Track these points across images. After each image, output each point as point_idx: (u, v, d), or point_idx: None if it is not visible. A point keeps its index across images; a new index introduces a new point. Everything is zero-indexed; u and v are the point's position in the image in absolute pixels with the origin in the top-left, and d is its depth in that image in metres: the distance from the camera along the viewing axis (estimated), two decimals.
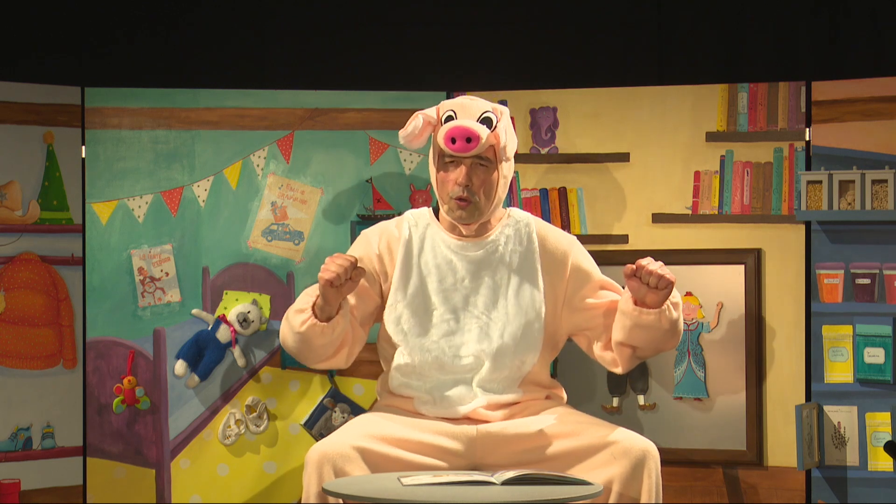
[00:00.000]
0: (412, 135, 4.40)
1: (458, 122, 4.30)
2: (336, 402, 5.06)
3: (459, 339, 4.34)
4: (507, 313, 4.35)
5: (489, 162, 4.34)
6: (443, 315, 4.36)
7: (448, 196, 4.35)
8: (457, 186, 4.33)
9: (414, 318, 4.36)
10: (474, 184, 4.33)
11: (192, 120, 5.04)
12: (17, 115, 4.92)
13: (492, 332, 4.34)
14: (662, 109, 4.99)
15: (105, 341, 5.00)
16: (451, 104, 4.40)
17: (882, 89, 4.77)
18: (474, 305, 4.36)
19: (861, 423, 4.79)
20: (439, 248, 4.41)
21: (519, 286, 4.37)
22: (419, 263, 4.40)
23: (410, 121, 4.39)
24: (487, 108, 4.36)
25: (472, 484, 3.83)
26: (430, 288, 4.37)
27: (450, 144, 4.29)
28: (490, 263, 4.39)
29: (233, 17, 5.61)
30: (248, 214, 5.06)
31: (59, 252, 5.00)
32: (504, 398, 4.35)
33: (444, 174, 4.36)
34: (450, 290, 4.37)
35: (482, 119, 4.33)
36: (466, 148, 4.28)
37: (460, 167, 4.33)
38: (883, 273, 4.76)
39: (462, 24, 5.56)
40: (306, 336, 4.29)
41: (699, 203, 4.96)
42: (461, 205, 4.34)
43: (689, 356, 4.94)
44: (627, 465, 4.13)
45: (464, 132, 4.27)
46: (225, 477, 5.03)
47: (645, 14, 5.52)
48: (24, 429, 4.93)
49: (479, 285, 4.37)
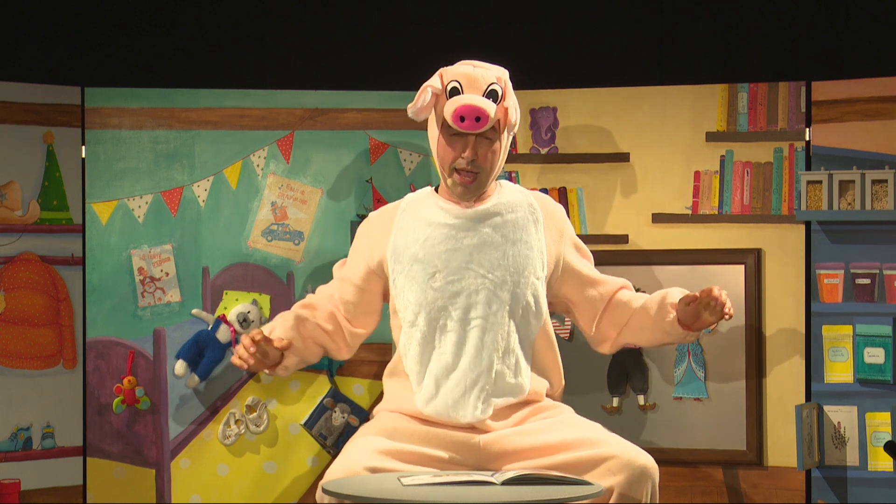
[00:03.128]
0: (421, 108, 4.34)
1: (467, 100, 4.25)
2: (336, 402, 5.06)
3: (465, 300, 4.31)
4: (510, 274, 4.31)
5: (495, 134, 4.31)
6: (446, 277, 4.32)
7: (451, 166, 4.32)
8: (462, 159, 4.30)
9: (416, 286, 4.33)
10: (479, 157, 4.30)
11: (192, 120, 5.04)
12: (17, 115, 4.92)
13: (498, 293, 4.30)
14: (662, 109, 4.99)
15: (105, 341, 5.00)
16: (455, 73, 4.33)
17: (882, 89, 4.77)
18: (479, 265, 4.32)
19: (861, 423, 4.79)
20: (438, 213, 4.38)
21: (521, 248, 4.34)
22: (416, 231, 4.37)
23: (419, 94, 4.32)
24: (492, 80, 4.31)
25: (472, 484, 3.83)
26: (432, 252, 4.33)
27: (458, 122, 4.24)
28: (490, 224, 4.34)
29: (233, 17, 5.61)
30: (248, 214, 5.06)
31: (59, 252, 5.00)
32: (509, 399, 4.32)
33: (447, 145, 4.32)
34: (452, 251, 4.34)
35: (488, 92, 4.29)
36: (476, 126, 4.25)
37: (465, 140, 4.29)
38: (883, 273, 4.76)
39: (462, 24, 5.56)
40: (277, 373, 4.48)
41: (699, 203, 4.96)
42: (465, 180, 4.31)
43: (689, 356, 4.94)
44: (625, 480, 4.10)
45: (473, 111, 4.23)
46: (225, 477, 5.03)
47: (645, 14, 5.52)
48: (24, 429, 4.93)
49: (481, 245, 4.33)
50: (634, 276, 4.87)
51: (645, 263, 4.96)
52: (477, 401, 4.27)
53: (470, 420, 4.27)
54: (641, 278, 4.93)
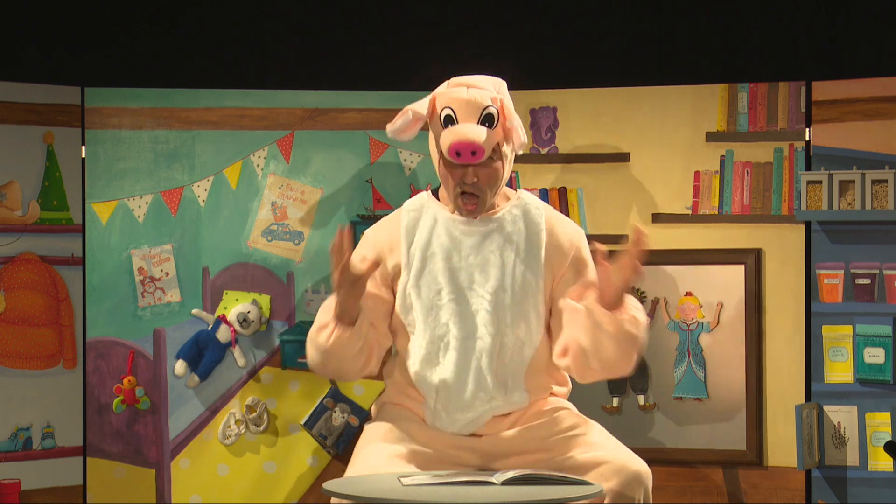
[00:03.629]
0: (400, 130, 4.31)
1: (461, 134, 4.20)
2: (336, 402, 5.06)
3: (466, 320, 4.29)
4: (510, 295, 4.29)
5: (495, 154, 4.27)
6: (449, 295, 4.30)
7: (454, 191, 4.29)
8: (464, 184, 4.27)
9: (421, 301, 4.31)
10: (481, 180, 4.27)
11: (192, 120, 5.04)
12: (17, 115, 4.92)
13: (496, 314, 4.28)
14: (662, 109, 4.99)
15: (105, 341, 5.00)
16: (448, 99, 4.26)
17: (882, 89, 4.77)
18: (480, 285, 4.30)
19: (861, 423, 4.79)
20: (443, 226, 4.34)
21: (523, 269, 4.31)
22: (423, 245, 4.34)
23: (399, 115, 4.29)
24: (486, 103, 4.24)
25: (472, 484, 3.83)
26: (436, 268, 4.31)
27: (455, 157, 4.20)
28: (495, 240, 4.31)
29: (233, 17, 5.61)
30: (248, 214, 5.06)
31: (59, 252, 5.00)
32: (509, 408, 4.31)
33: (448, 172, 4.29)
34: (456, 269, 4.32)
35: (484, 118, 4.24)
36: (472, 160, 4.20)
37: (465, 168, 4.26)
38: (883, 273, 4.76)
39: (462, 24, 5.56)
40: (335, 349, 4.22)
41: (699, 203, 4.96)
42: (469, 206, 4.28)
43: (689, 356, 4.94)
44: (617, 486, 4.09)
45: (468, 146, 4.18)
46: (225, 477, 5.03)
47: (645, 14, 5.52)
48: (24, 429, 4.93)
49: (484, 263, 4.30)
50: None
51: (645, 263, 4.95)
52: (473, 416, 4.28)
53: (466, 433, 4.28)
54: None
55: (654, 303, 4.97)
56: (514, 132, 4.27)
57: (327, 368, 4.33)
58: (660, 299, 4.97)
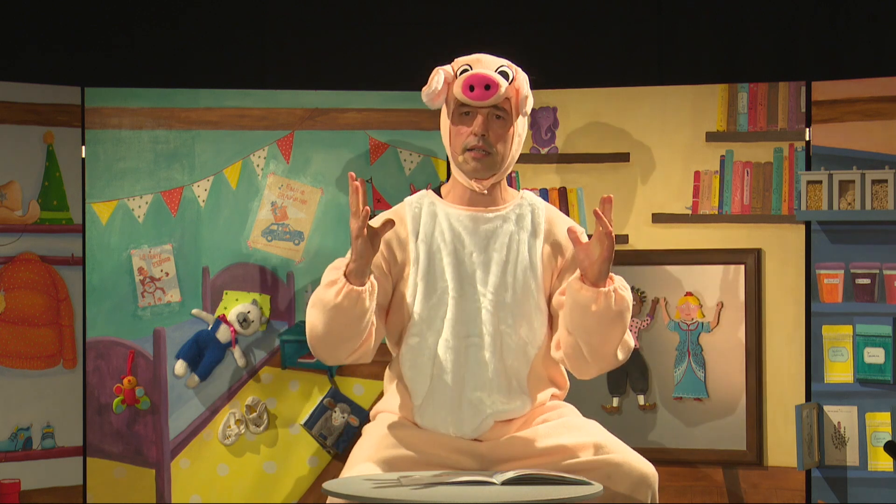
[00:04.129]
0: (435, 91, 4.25)
1: (476, 71, 4.22)
2: (336, 402, 5.06)
3: (469, 318, 4.27)
4: (511, 294, 4.27)
5: (506, 114, 4.24)
6: (452, 292, 4.26)
7: (462, 147, 4.24)
8: (472, 136, 4.21)
9: (425, 297, 4.27)
10: (491, 135, 4.23)
11: (192, 120, 5.04)
12: (17, 115, 4.92)
13: (497, 313, 4.26)
14: (662, 109, 4.99)
15: (105, 341, 5.00)
16: (465, 59, 4.29)
17: (882, 89, 4.77)
18: (482, 283, 4.28)
19: (861, 423, 4.79)
20: (447, 221, 4.30)
21: (525, 267, 4.29)
22: (428, 239, 4.30)
23: (432, 77, 4.27)
24: (503, 63, 4.27)
25: (472, 484, 3.83)
26: (440, 263, 4.27)
27: (468, 92, 4.18)
28: (498, 237, 4.28)
29: (233, 17, 5.61)
30: (248, 214, 5.06)
31: (59, 252, 5.00)
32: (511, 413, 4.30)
33: (458, 126, 4.25)
34: (459, 264, 4.30)
35: (499, 72, 4.24)
36: (485, 95, 4.19)
37: (477, 118, 4.22)
38: (883, 273, 4.76)
39: (462, 24, 5.56)
40: (345, 305, 4.04)
41: (699, 203, 4.96)
42: (476, 156, 4.22)
43: (689, 356, 4.94)
44: (625, 489, 4.09)
45: (482, 79, 4.18)
46: (225, 477, 5.03)
47: (645, 14, 5.52)
48: (24, 429, 4.93)
49: (487, 260, 4.28)
50: (634, 276, 4.87)
51: (645, 263, 4.96)
52: (475, 420, 4.26)
53: (469, 437, 4.26)
54: (641, 278, 4.94)
55: (654, 303, 4.97)
56: (527, 102, 4.26)
57: (330, 333, 4.12)
58: (660, 299, 4.97)
